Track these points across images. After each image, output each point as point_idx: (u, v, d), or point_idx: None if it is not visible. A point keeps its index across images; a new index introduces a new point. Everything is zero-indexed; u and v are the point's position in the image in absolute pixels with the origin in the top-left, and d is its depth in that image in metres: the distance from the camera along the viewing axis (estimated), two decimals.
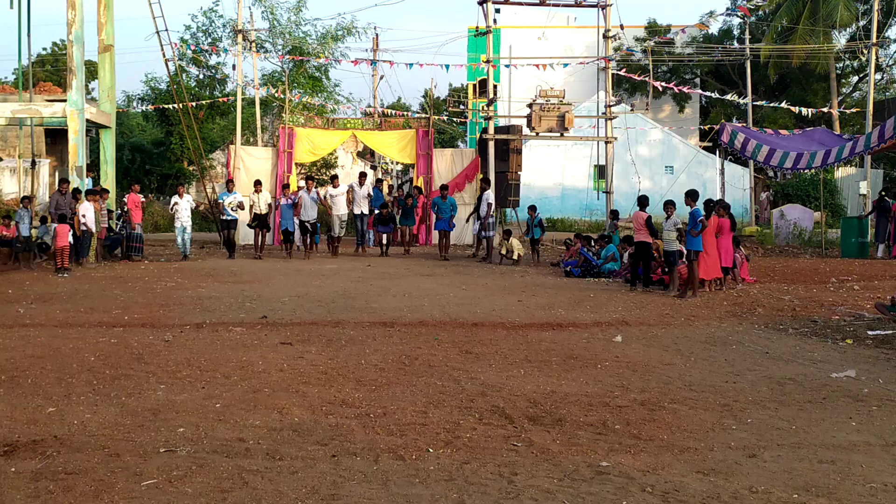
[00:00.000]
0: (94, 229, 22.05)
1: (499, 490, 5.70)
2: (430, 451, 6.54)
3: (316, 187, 25.54)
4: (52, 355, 10.11)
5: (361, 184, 26.62)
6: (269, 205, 25.21)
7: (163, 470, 5.99)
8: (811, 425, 7.40)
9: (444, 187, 26.52)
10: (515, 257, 23.50)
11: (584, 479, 5.91)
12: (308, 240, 25.06)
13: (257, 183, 25.28)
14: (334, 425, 7.19)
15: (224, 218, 25.03)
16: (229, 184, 25.85)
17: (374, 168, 51.38)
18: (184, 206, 24.06)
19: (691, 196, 16.54)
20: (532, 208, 24.99)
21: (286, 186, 26.84)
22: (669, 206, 16.87)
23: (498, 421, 7.41)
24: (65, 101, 24.06)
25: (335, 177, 27.50)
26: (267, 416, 7.43)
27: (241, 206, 24.90)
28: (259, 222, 25.00)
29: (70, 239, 20.08)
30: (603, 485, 5.81)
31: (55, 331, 11.90)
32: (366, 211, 26.43)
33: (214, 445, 6.57)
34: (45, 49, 68.03)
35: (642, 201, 17.93)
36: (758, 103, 40.52)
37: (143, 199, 25.86)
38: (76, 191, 22.28)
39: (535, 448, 6.64)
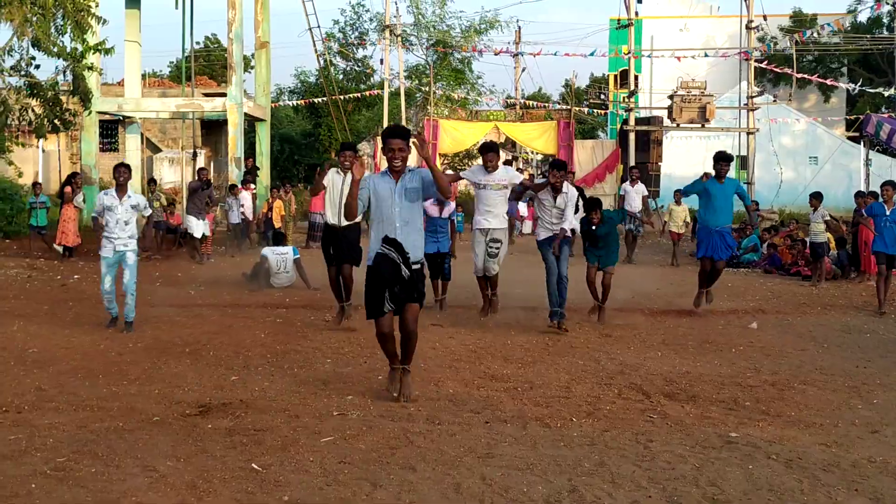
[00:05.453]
0: (250, 217, 23.19)
1: (636, 454, 6.33)
2: (574, 420, 7.20)
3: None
4: (226, 332, 11.13)
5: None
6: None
7: (337, 430, 6.80)
8: None
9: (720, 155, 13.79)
10: (675, 227, 21.04)
11: (714, 447, 6.50)
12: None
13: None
14: (485, 397, 7.91)
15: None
16: None
17: (515, 159, 51.91)
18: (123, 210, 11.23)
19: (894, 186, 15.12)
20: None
21: None
22: (816, 198, 16.88)
23: (635, 396, 8.03)
24: (221, 94, 25.53)
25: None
26: (425, 387, 8.19)
27: None
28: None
29: (205, 229, 20.17)
30: (731, 452, 6.38)
31: (225, 311, 12.96)
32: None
33: (381, 411, 7.37)
34: (198, 43, 70.56)
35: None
36: None
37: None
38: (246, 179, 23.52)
39: (669, 420, 7.24)
